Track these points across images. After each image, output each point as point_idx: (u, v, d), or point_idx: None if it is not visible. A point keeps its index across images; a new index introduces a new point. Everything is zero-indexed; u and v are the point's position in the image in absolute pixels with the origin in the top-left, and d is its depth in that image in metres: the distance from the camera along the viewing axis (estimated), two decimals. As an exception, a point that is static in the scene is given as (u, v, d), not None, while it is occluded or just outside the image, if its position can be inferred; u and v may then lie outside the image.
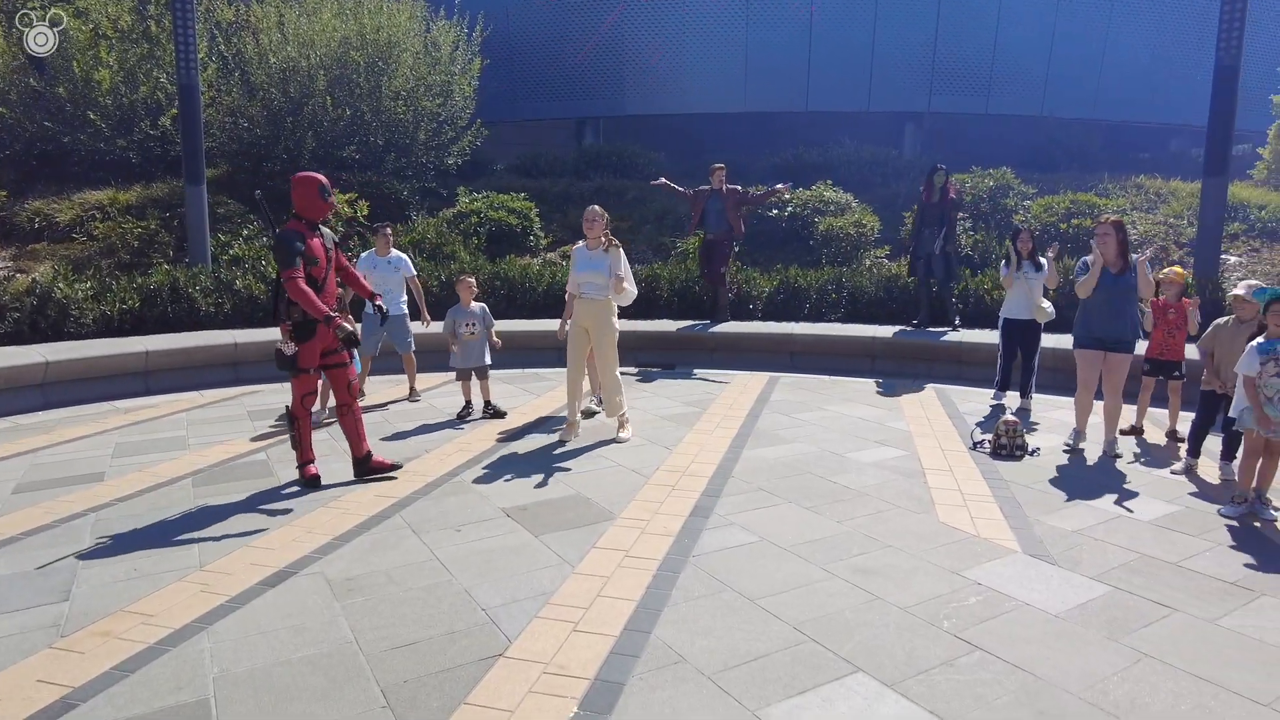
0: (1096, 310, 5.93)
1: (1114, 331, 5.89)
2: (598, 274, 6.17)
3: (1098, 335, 5.96)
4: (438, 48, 14.88)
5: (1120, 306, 5.86)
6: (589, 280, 6.20)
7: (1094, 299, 5.95)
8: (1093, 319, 5.97)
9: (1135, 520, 4.61)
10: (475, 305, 7.14)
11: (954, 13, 18.84)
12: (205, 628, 3.34)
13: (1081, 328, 6.07)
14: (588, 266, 6.21)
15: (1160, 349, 6.46)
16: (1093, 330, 5.98)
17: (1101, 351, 5.95)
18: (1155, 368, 6.53)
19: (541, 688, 2.90)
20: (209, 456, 5.83)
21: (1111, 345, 5.92)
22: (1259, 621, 3.43)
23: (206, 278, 9.76)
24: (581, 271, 6.22)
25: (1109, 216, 6.07)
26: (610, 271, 6.13)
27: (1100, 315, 5.92)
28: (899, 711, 2.78)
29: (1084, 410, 6.11)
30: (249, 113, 13.30)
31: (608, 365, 6.30)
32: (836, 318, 10.50)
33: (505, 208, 13.06)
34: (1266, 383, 4.63)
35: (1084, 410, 6.11)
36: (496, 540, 4.27)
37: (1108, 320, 5.89)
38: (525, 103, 20.05)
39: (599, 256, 6.21)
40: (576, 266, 6.26)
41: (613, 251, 6.20)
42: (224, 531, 4.40)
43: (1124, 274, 5.87)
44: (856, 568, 3.94)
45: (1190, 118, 19.44)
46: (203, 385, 8.28)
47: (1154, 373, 6.55)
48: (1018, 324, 7.42)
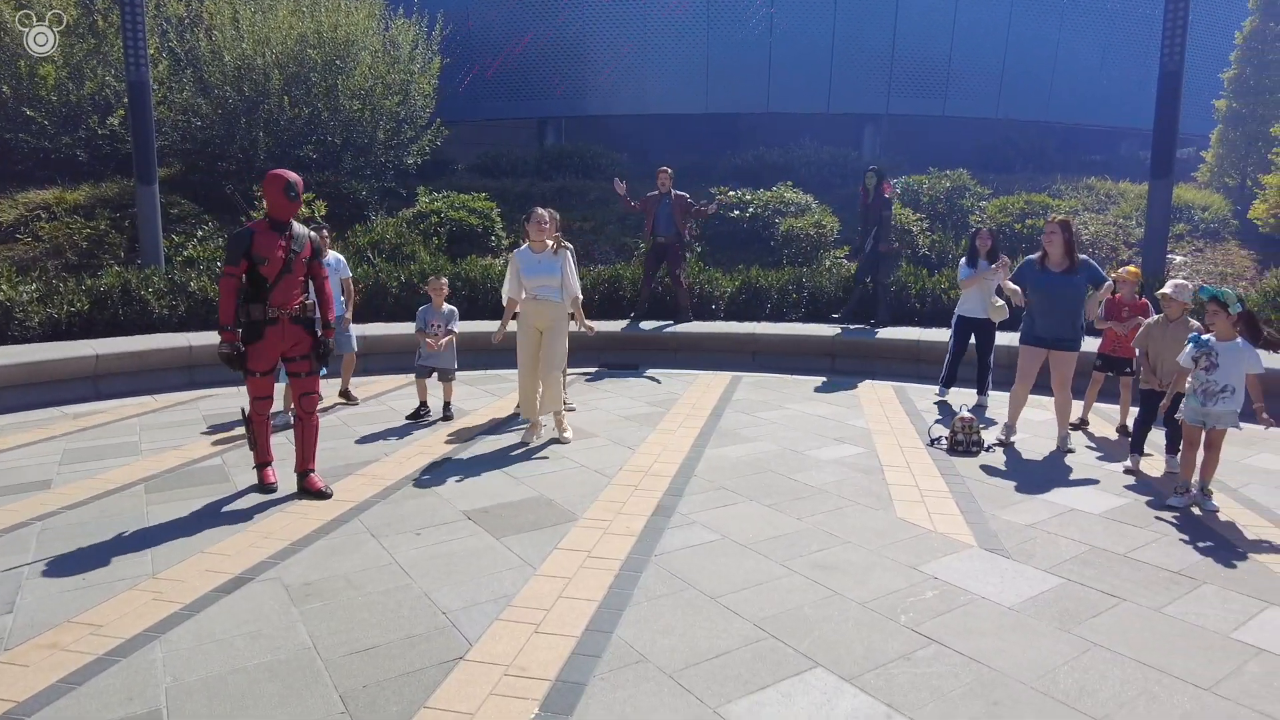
0: (1040, 309, 6.04)
1: (1056, 330, 6.01)
2: (551, 276, 6.16)
3: (1039, 334, 6.08)
4: (397, 46, 14.72)
5: (1064, 306, 5.97)
6: (543, 284, 6.17)
7: (1038, 298, 6.06)
8: (1036, 318, 6.09)
9: (1086, 514, 4.73)
10: (446, 307, 7.10)
11: (911, 17, 19.14)
12: (157, 637, 3.27)
13: (1026, 325, 6.20)
14: (539, 270, 6.17)
15: (1113, 345, 6.64)
16: (1035, 329, 6.10)
17: (1044, 349, 6.08)
18: (1107, 364, 6.70)
19: (502, 690, 2.89)
20: (162, 462, 5.70)
21: (1053, 344, 6.04)
22: (1200, 609, 3.54)
23: (160, 279, 9.55)
24: (533, 275, 6.17)
25: (1056, 216, 6.21)
26: (562, 273, 6.17)
27: (1043, 314, 6.03)
28: (857, 705, 2.82)
29: (1017, 403, 6.23)
30: (202, 111, 13.02)
31: (550, 365, 6.15)
32: (797, 317, 10.61)
33: (466, 208, 12.96)
34: (1195, 375, 4.79)
35: (1017, 403, 6.23)
36: (457, 543, 4.24)
37: (1050, 319, 6.00)
38: (486, 102, 19.92)
39: (549, 259, 6.19)
40: (525, 271, 6.19)
41: (563, 254, 6.21)
42: (178, 538, 4.31)
43: (1068, 273, 5.99)
44: (816, 564, 3.99)
45: (1138, 121, 19.98)
46: (156, 389, 8.10)
47: (1105, 369, 6.73)
48: (973, 322, 7.57)
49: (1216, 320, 4.77)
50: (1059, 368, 6.06)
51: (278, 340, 4.87)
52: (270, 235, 4.78)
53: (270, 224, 4.82)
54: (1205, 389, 4.77)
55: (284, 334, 4.87)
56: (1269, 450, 6.13)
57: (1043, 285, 6.00)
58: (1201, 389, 4.78)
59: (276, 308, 4.80)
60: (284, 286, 4.83)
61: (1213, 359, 4.74)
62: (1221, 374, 4.72)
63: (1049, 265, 6.02)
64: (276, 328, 4.82)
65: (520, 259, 6.24)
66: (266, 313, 4.78)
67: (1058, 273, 5.99)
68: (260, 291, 4.76)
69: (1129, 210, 13.84)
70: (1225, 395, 4.72)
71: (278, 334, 4.85)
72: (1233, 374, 4.72)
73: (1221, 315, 4.74)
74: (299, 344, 4.94)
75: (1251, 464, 5.81)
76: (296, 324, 4.91)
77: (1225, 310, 4.73)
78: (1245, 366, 4.72)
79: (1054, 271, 6.00)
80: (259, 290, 4.76)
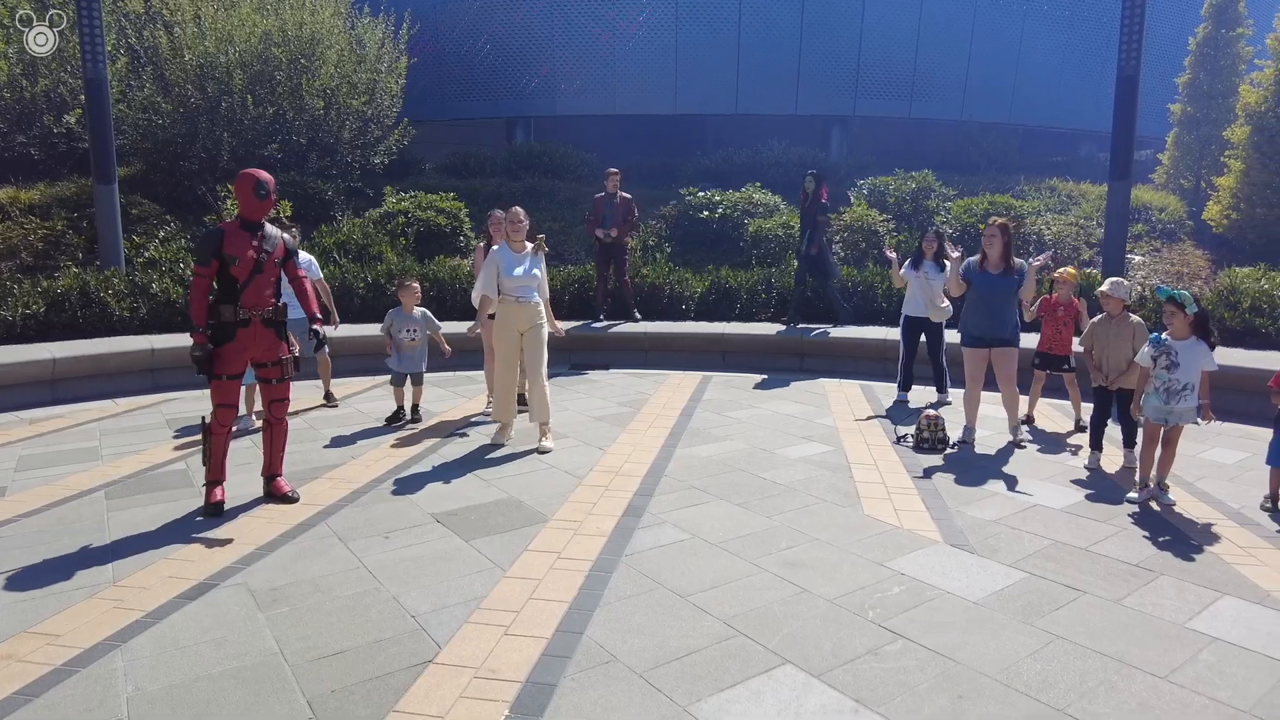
0: (975, 309, 6.17)
1: (992, 330, 6.13)
2: (531, 278, 6.06)
3: (975, 334, 6.20)
4: (363, 45, 14.58)
5: (998, 306, 6.09)
6: (522, 284, 6.04)
7: (973, 298, 6.19)
8: (972, 318, 6.21)
9: (1048, 509, 4.82)
10: (417, 311, 6.98)
11: (877, 20, 19.36)
12: (118, 645, 3.21)
13: (963, 326, 6.32)
14: (520, 270, 6.04)
15: (1049, 344, 6.82)
16: (971, 329, 6.23)
17: (985, 349, 6.20)
18: (1044, 362, 6.88)
19: (472, 692, 2.88)
20: (123, 467, 5.59)
21: (992, 343, 6.16)
22: (1157, 600, 3.63)
23: (120, 281, 9.36)
24: (514, 275, 6.03)
25: (997, 220, 6.32)
26: (541, 274, 6.10)
27: (979, 315, 6.15)
28: (826, 701, 2.85)
29: (972, 404, 6.35)
30: (164, 109, 12.79)
31: (538, 372, 6.12)
32: (766, 317, 10.68)
33: (434, 208, 12.86)
34: (1156, 374, 4.91)
35: (972, 404, 6.35)
36: (426, 546, 4.21)
37: (985, 319, 6.12)
38: (454, 102, 19.80)
39: (531, 259, 6.10)
40: (506, 271, 6.04)
41: (540, 254, 6.16)
42: (139, 545, 4.23)
43: (1005, 275, 6.11)
44: (785, 561, 4.02)
45: (1097, 124, 20.40)
46: (117, 393, 7.94)
47: (1043, 367, 6.90)
48: (918, 321, 7.68)
49: (1174, 320, 4.89)
50: (1002, 364, 6.19)
51: (249, 343, 4.72)
52: (241, 235, 4.66)
53: (242, 224, 4.71)
54: (1168, 388, 4.88)
55: (256, 337, 4.74)
56: (1222, 445, 6.30)
57: (980, 286, 6.12)
58: (1164, 388, 4.89)
59: (248, 309, 4.68)
60: (255, 288, 4.71)
61: (1173, 358, 4.86)
62: (1182, 373, 4.84)
63: (987, 267, 6.15)
64: (248, 330, 4.70)
65: (502, 258, 6.08)
66: (238, 314, 4.65)
67: (995, 274, 6.11)
68: (231, 293, 4.64)
69: (1090, 211, 14.14)
70: (1186, 393, 4.85)
71: (249, 336, 4.71)
72: (1191, 372, 4.84)
73: (1179, 316, 4.86)
74: (271, 348, 4.80)
75: (1206, 458, 5.96)
76: (269, 327, 4.78)
77: (1183, 311, 4.85)
78: (1200, 364, 4.84)
79: (992, 273, 6.12)
80: (230, 291, 4.64)
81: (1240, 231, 12.82)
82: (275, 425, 4.97)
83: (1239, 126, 13.36)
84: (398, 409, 6.94)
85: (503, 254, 6.10)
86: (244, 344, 4.71)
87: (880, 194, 14.20)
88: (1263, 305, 8.95)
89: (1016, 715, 2.76)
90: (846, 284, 10.45)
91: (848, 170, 17.12)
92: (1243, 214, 12.78)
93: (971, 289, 6.20)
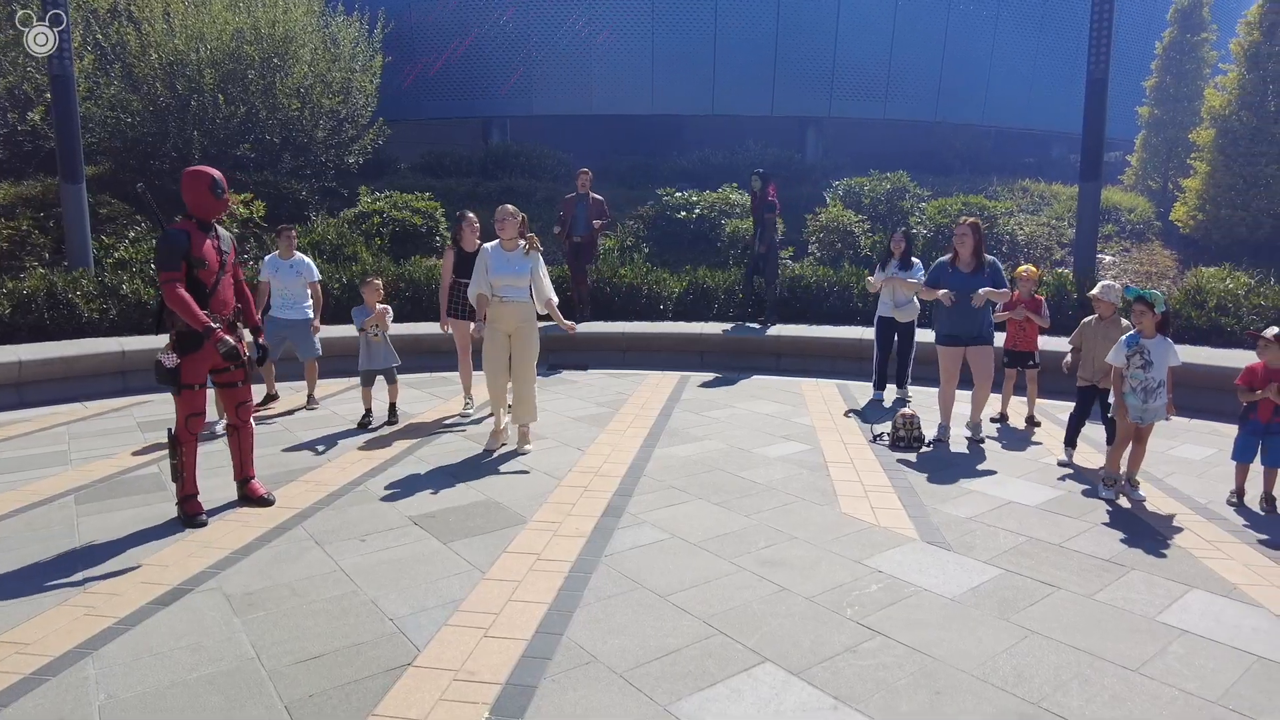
0: (949, 309, 6.23)
1: (965, 328, 6.20)
2: (519, 276, 5.90)
3: (948, 332, 6.28)
4: (337, 44, 14.45)
5: (970, 305, 6.13)
6: (509, 283, 5.90)
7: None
8: (945, 317, 6.28)
9: (1023, 505, 4.89)
10: (380, 307, 6.94)
11: (852, 21, 19.52)
12: (90, 653, 3.15)
13: (938, 326, 6.39)
14: (507, 269, 5.89)
15: (1014, 341, 6.92)
16: (944, 328, 6.31)
17: (960, 347, 6.27)
18: (1012, 359, 6.98)
19: (452, 695, 2.86)
20: (93, 472, 5.50)
21: (966, 341, 6.23)
22: (1129, 594, 3.69)
23: (89, 282, 9.20)
24: (501, 274, 5.89)
25: (967, 219, 6.40)
26: (531, 273, 5.92)
27: (952, 313, 6.21)
28: (805, 699, 2.87)
29: (947, 402, 6.42)
30: (133, 108, 12.58)
31: (527, 375, 6.03)
32: (744, 318, 10.72)
33: (409, 207, 12.79)
34: (1132, 373, 4.99)
35: (947, 402, 6.42)
36: (404, 549, 4.18)
37: (959, 318, 6.19)
38: (429, 101, 19.68)
39: (519, 258, 5.94)
40: (493, 268, 5.90)
41: (534, 255, 5.97)
42: (111, 551, 4.16)
43: (976, 273, 6.18)
44: (764, 560, 4.04)
45: (1068, 126, 20.68)
46: (86, 396, 7.81)
47: (1012, 364, 7.01)
48: (893, 322, 7.76)
49: (1144, 320, 4.98)
50: (976, 362, 6.25)
51: (212, 349, 4.56)
52: (202, 237, 4.50)
53: (198, 225, 4.53)
54: (1145, 386, 4.95)
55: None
56: (1191, 442, 6.42)
57: (953, 285, 6.19)
58: (1142, 387, 4.96)
59: (217, 314, 4.56)
60: (223, 290, 4.63)
61: (1146, 357, 4.94)
62: (1156, 371, 4.92)
63: (958, 265, 6.22)
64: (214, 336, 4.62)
65: (491, 256, 5.94)
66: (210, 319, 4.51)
67: (966, 273, 6.18)
68: (200, 297, 4.47)
69: (1061, 211, 14.35)
70: (1160, 390, 4.94)
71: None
72: (1163, 369, 4.93)
73: (1149, 315, 4.95)
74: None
75: (1175, 455, 6.07)
76: (231, 330, 4.68)
77: (1152, 310, 4.94)
78: (1168, 361, 4.94)
79: (963, 272, 6.19)
80: (199, 296, 4.46)
81: (1206, 232, 13.08)
82: (242, 428, 4.87)
83: (1204, 129, 13.62)
84: (366, 411, 6.79)
85: (492, 253, 5.96)
86: (209, 350, 4.53)
87: (855, 195, 14.31)
88: (1228, 305, 9.13)
89: (993, 710, 2.80)
90: (817, 285, 10.55)
91: (823, 171, 17.24)
92: (1208, 215, 13.03)
93: (941, 288, 6.26)
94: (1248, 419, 4.98)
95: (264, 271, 7.30)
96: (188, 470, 4.57)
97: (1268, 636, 3.32)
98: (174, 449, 4.51)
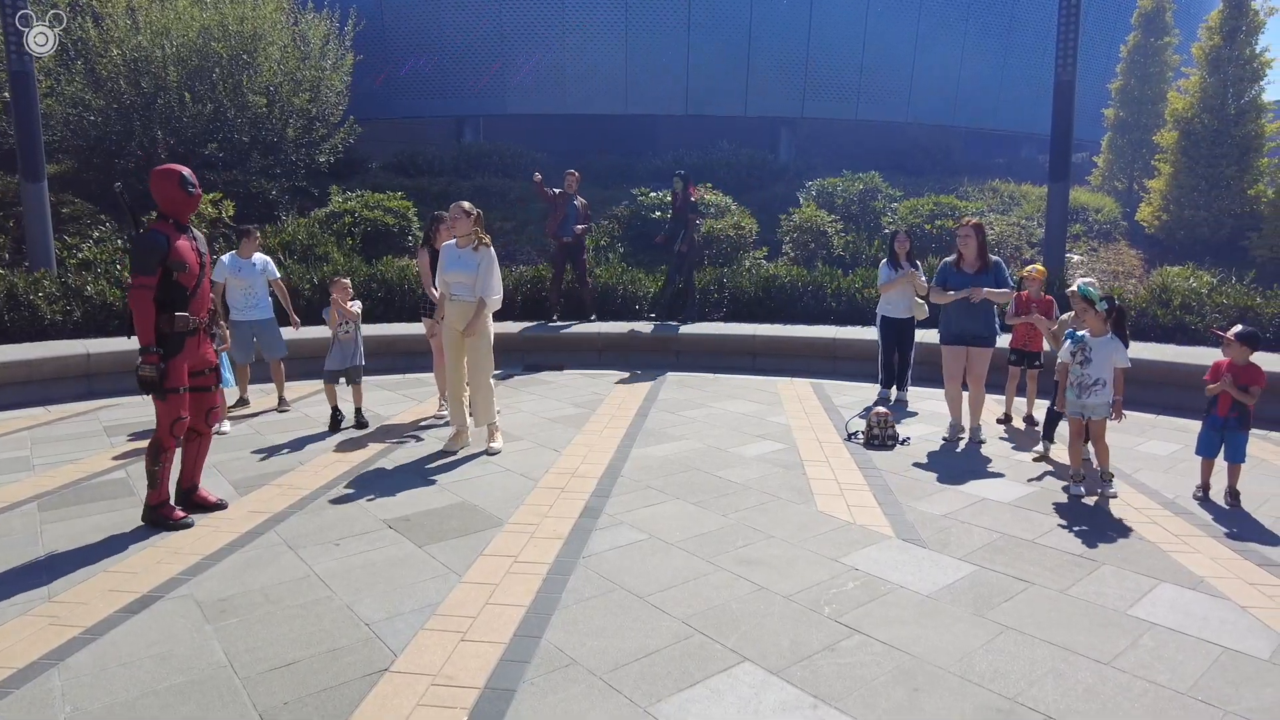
0: (957, 309, 6.31)
1: (972, 328, 6.28)
2: (467, 274, 5.80)
3: (956, 332, 6.35)
4: (307, 42, 14.26)
5: (979, 304, 6.25)
6: (457, 280, 5.84)
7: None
8: (953, 317, 6.36)
9: (997, 502, 4.95)
10: (351, 304, 6.86)
11: (824, 23, 19.66)
12: (55, 664, 3.08)
13: (944, 325, 6.47)
14: (457, 265, 5.82)
15: (1024, 340, 6.98)
16: (952, 327, 6.37)
17: (964, 347, 6.34)
18: (1020, 358, 7.04)
19: (430, 700, 2.83)
20: (57, 477, 5.37)
21: (971, 340, 6.31)
22: (1100, 589, 3.75)
23: (51, 283, 9.00)
24: (450, 270, 5.83)
25: (970, 219, 6.48)
26: (479, 271, 5.79)
27: (958, 313, 6.30)
28: (784, 698, 2.87)
29: (954, 402, 6.49)
30: (96, 105, 12.32)
31: (480, 371, 5.96)
32: (719, 317, 10.76)
33: (382, 207, 12.66)
34: (1073, 370, 5.09)
35: (954, 402, 6.49)
36: (378, 553, 4.13)
37: (966, 318, 6.27)
38: (402, 100, 19.52)
39: (469, 255, 5.84)
40: (446, 265, 5.85)
41: (483, 251, 5.83)
42: (77, 558, 4.06)
43: (981, 273, 6.27)
44: (741, 559, 4.05)
45: (1036, 127, 21.00)
46: (50, 400, 7.63)
47: (1019, 362, 7.06)
48: (895, 322, 7.80)
49: (1086, 316, 5.07)
50: (975, 364, 6.33)
51: (194, 351, 4.52)
52: (180, 238, 4.40)
53: (175, 226, 4.44)
54: (1080, 382, 5.06)
55: (200, 344, 4.58)
56: (1157, 438, 6.54)
57: (958, 285, 6.25)
58: (1077, 382, 5.07)
59: (196, 315, 4.48)
60: (203, 292, 4.55)
61: (1086, 353, 5.03)
62: (1094, 368, 5.01)
63: (963, 266, 6.29)
64: (195, 338, 4.52)
65: (446, 255, 5.89)
66: (189, 323, 4.43)
67: (971, 273, 6.26)
68: (181, 300, 4.38)
69: (1031, 211, 14.55)
70: (1097, 388, 5.02)
71: (194, 345, 4.52)
72: (1104, 367, 5.01)
73: (1090, 312, 5.04)
74: (205, 355, 4.64)
75: (1142, 450, 6.18)
76: (206, 333, 4.62)
77: (1092, 307, 5.02)
78: (1114, 360, 5.01)
79: (968, 272, 6.27)
80: (180, 299, 4.38)
81: (1170, 232, 13.34)
82: (205, 435, 4.77)
83: (1167, 131, 13.89)
84: (333, 409, 6.68)
85: (446, 252, 5.92)
86: (190, 352, 4.50)
87: (829, 195, 14.41)
88: (1192, 303, 9.31)
89: (970, 706, 2.83)
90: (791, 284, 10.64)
91: (797, 171, 17.34)
92: (1172, 215, 13.30)
93: (951, 289, 6.32)
94: (1209, 413, 5.08)
95: (222, 272, 6.99)
96: (164, 477, 4.48)
97: (1234, 628, 3.39)
98: (155, 455, 4.43)
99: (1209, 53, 13.26)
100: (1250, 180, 12.99)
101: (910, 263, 7.69)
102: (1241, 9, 13.13)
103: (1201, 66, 13.38)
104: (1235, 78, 13.06)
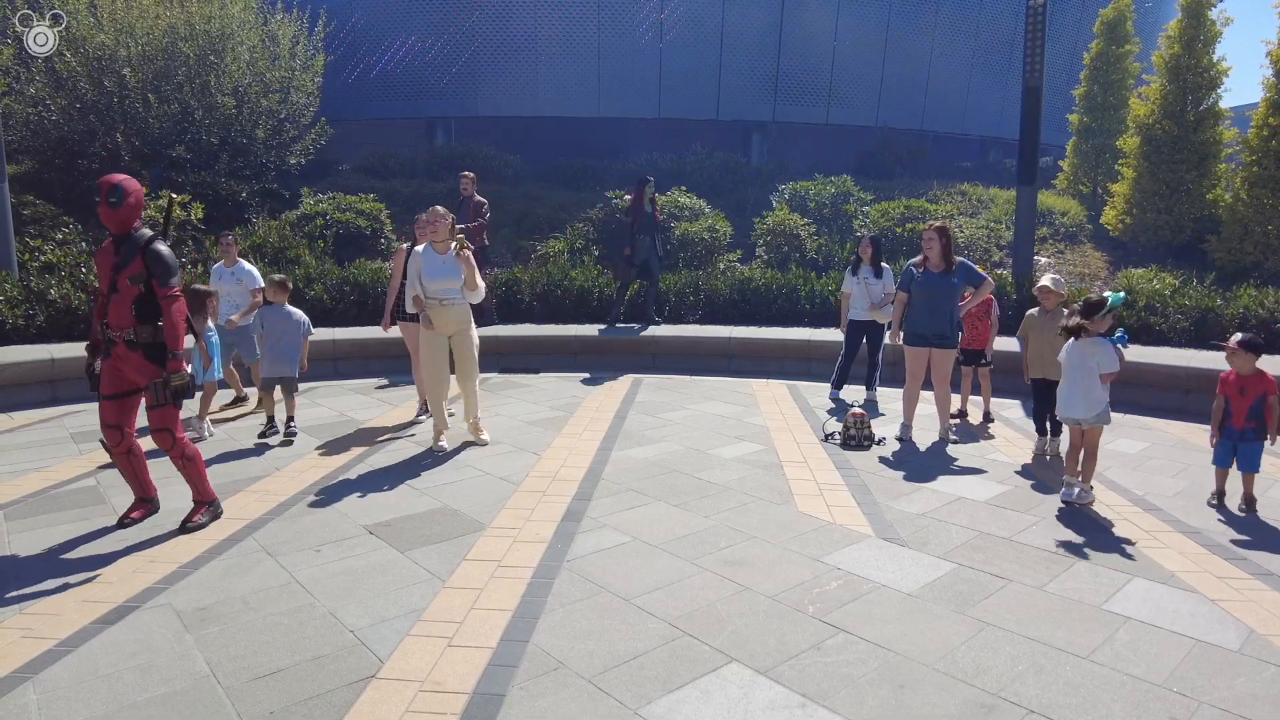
0: (919, 309, 6.41)
1: (934, 328, 6.38)
2: (453, 279, 5.87)
3: (919, 332, 6.45)
4: (276, 42, 14.09)
5: (940, 305, 6.34)
6: (444, 286, 5.87)
7: (916, 298, 6.43)
8: (914, 317, 6.46)
9: (973, 501, 5.02)
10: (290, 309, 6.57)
11: (795, 28, 19.84)
12: (29, 678, 3.00)
13: (907, 325, 6.56)
14: (441, 272, 5.86)
15: (968, 340, 7.13)
16: (915, 327, 6.47)
17: (926, 348, 6.44)
18: (966, 357, 7.19)
19: (419, 706, 2.81)
20: (23, 486, 5.25)
21: (934, 341, 6.40)
22: (1076, 584, 3.83)
23: (13, 287, 8.79)
24: (435, 278, 5.86)
25: (934, 223, 6.59)
26: (463, 274, 5.86)
27: (922, 314, 6.39)
28: (773, 697, 2.90)
29: (911, 402, 6.58)
30: (57, 104, 12.06)
31: (469, 375, 6.09)
32: (695, 319, 10.81)
33: (354, 209, 12.54)
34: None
35: (911, 402, 6.58)
36: (360, 559, 4.09)
37: (928, 318, 6.37)
38: (373, 101, 19.36)
39: (450, 261, 5.89)
40: (426, 272, 5.85)
41: (464, 256, 5.87)
42: (48, 569, 3.97)
43: (946, 274, 6.37)
44: (725, 560, 4.07)
45: (1004, 131, 21.37)
46: (12, 406, 7.44)
47: (966, 362, 7.21)
48: (860, 324, 7.93)
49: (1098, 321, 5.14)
50: (939, 364, 6.42)
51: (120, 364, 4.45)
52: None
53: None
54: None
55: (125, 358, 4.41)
56: (1124, 436, 6.68)
57: (924, 286, 6.35)
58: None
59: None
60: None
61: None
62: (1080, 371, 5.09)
63: (929, 267, 6.38)
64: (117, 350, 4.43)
65: (423, 260, 5.89)
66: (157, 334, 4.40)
67: (937, 274, 6.36)
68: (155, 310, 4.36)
69: (999, 214, 14.79)
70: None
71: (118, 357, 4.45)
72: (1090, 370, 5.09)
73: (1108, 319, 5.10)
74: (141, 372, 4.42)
75: (1111, 449, 6.31)
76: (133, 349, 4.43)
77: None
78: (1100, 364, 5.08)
79: (934, 273, 6.36)
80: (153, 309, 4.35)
81: (1134, 235, 13.64)
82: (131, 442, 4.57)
83: (1130, 137, 14.21)
84: (268, 418, 6.45)
85: (425, 256, 5.92)
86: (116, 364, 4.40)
87: (801, 198, 14.54)
88: (1156, 304, 9.53)
89: (956, 702, 2.87)
90: (765, 287, 10.71)
91: (769, 175, 17.46)
92: (1135, 218, 13.60)
93: (915, 290, 6.42)
94: (1224, 425, 5.08)
95: (212, 281, 7.31)
96: (202, 474, 4.56)
97: (1204, 621, 3.48)
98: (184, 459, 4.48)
99: (1169, 61, 13.58)
100: (1209, 185, 13.33)
101: (873, 268, 7.84)
102: (1200, 19, 13.47)
103: (1162, 74, 13.70)
104: (1194, 85, 13.39)
